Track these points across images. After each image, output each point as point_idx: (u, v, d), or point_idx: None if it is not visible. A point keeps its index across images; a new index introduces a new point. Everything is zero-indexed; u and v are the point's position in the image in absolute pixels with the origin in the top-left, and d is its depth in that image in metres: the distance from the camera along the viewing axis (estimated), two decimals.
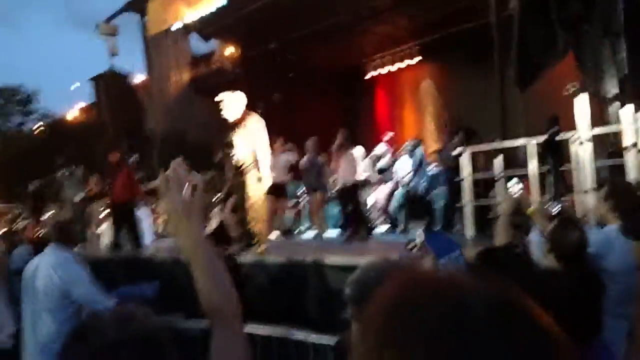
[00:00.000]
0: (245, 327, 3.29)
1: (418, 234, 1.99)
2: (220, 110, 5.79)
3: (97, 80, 11.50)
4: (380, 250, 5.45)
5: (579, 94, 4.03)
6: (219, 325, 1.09)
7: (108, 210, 8.87)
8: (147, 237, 8.85)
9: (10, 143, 25.68)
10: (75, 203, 8.99)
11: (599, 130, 4.49)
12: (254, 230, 5.64)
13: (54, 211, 10.58)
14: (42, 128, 26.78)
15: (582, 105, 4.00)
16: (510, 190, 3.09)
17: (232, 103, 5.77)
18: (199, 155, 9.99)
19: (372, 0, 10.83)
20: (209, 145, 10.96)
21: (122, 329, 0.99)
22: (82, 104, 24.43)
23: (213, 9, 10.07)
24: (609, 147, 5.32)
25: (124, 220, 7.95)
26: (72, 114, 25.86)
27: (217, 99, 5.84)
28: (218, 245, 4.75)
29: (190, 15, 10.31)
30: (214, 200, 8.13)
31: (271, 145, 7.93)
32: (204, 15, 10.30)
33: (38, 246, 3.61)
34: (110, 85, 11.31)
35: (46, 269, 2.99)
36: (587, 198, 3.93)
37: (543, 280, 1.60)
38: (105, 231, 9.04)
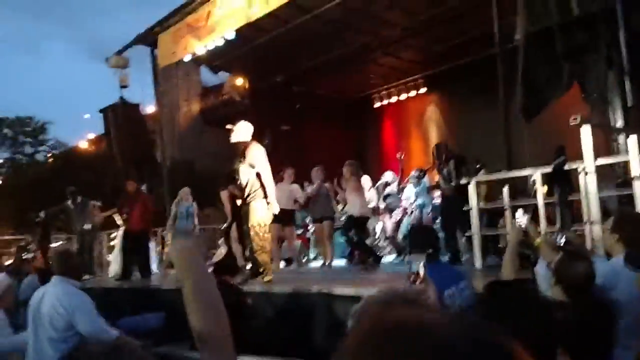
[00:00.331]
0: (249, 358, 3.26)
1: (419, 265, 1.98)
2: (229, 137, 5.85)
3: (107, 111, 11.68)
4: (387, 280, 5.41)
5: (583, 124, 4.04)
6: (208, 353, 1.11)
7: (118, 239, 8.91)
8: (153, 266, 8.86)
9: (21, 173, 25.97)
10: (84, 232, 9.02)
11: (604, 161, 4.48)
12: (260, 259, 5.61)
13: (61, 242, 10.63)
14: (53, 158, 27.12)
15: (586, 135, 4.01)
16: (517, 221, 3.08)
17: (240, 131, 5.84)
18: (207, 185, 10.05)
19: (379, 32, 11.01)
20: (218, 175, 11.05)
21: (114, 358, 1.05)
22: (93, 135, 24.72)
23: (222, 42, 10.25)
24: (616, 177, 5.30)
25: (138, 249, 7.98)
26: (83, 144, 26.21)
27: (227, 127, 5.90)
28: (223, 275, 4.74)
29: (200, 47, 10.51)
30: (221, 229, 8.16)
31: (280, 174, 8.06)
32: (213, 48, 10.49)
33: (45, 276, 3.62)
34: (120, 115, 11.47)
35: (52, 300, 3.00)
36: (594, 229, 3.90)
37: (550, 312, 1.58)
38: (113, 259, 9.06)
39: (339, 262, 7.99)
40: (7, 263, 9.87)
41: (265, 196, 5.61)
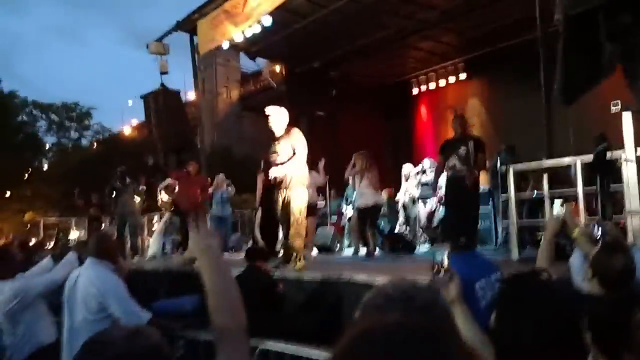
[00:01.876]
0: (277, 344, 3.28)
1: (443, 255, 1.92)
2: (268, 124, 5.86)
3: (148, 97, 11.89)
4: (418, 269, 5.35)
5: (624, 110, 3.86)
6: (224, 343, 1.18)
7: (164, 220, 9.09)
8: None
9: (67, 158, 26.87)
10: (127, 214, 9.09)
11: None
12: (295, 245, 5.64)
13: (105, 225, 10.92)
14: (97, 143, 27.94)
15: (627, 122, 3.84)
16: (555, 211, 2.98)
17: (279, 116, 5.85)
18: (245, 170, 10.15)
19: (417, 16, 10.80)
20: (255, 161, 11.15)
21: (130, 343, 1.09)
22: (136, 121, 25.32)
23: (259, 29, 10.27)
24: None
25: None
26: (127, 129, 26.90)
27: (266, 112, 5.92)
28: (256, 260, 4.79)
29: (238, 34, 10.55)
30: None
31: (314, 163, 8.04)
32: (250, 34, 10.52)
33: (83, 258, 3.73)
34: (160, 102, 11.65)
35: (85, 282, 3.10)
36: (634, 220, 3.75)
37: (582, 305, 1.53)
38: (153, 242, 9.24)
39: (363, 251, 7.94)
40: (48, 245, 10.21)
41: (304, 182, 5.63)
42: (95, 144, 28.21)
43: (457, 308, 1.87)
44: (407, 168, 8.64)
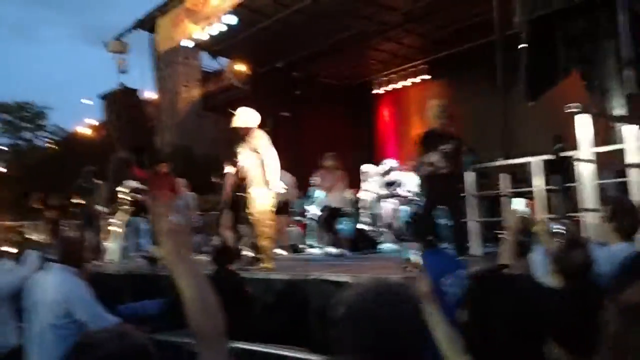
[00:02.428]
0: (248, 345, 3.27)
1: (414, 253, 1.98)
2: (231, 124, 5.86)
3: (107, 97, 11.65)
4: (383, 267, 5.43)
5: (580, 112, 4.04)
6: (204, 345, 1.18)
7: (120, 224, 8.86)
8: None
9: (20, 159, 25.96)
10: (94, 215, 8.80)
11: (601, 149, 4.49)
12: (260, 245, 5.66)
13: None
14: (52, 144, 27.10)
15: (583, 124, 4.01)
16: (516, 208, 3.07)
17: (242, 115, 5.83)
18: (207, 172, 10.04)
19: (379, 17, 10.94)
20: (217, 161, 11.04)
21: (120, 344, 1.12)
22: (93, 120, 24.68)
23: (223, 28, 10.20)
24: (615, 166, 5.30)
25: None
26: (83, 130, 26.18)
27: (230, 111, 5.91)
28: (223, 262, 4.76)
29: (199, 32, 10.46)
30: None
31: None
32: (215, 33, 10.44)
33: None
34: (119, 101, 11.44)
35: (50, 288, 3.03)
36: (589, 217, 3.92)
37: (545, 299, 1.60)
38: (114, 244, 9.02)
39: (333, 250, 8.00)
40: (5, 249, 9.80)
41: (267, 183, 5.61)
42: (50, 145, 27.38)
43: (428, 304, 1.93)
44: (366, 167, 8.73)
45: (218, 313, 1.21)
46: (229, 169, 7.44)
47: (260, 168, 5.61)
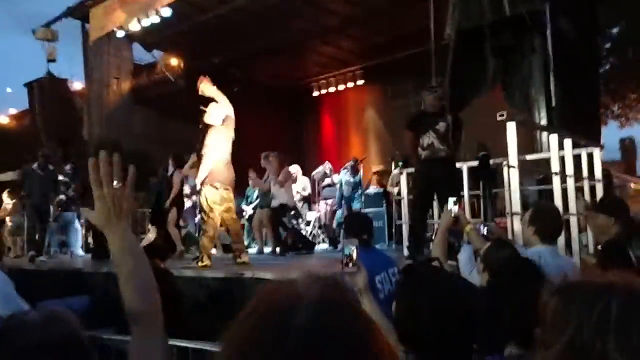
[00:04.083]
0: (179, 342, 3.21)
1: (352, 249, 2.03)
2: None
3: (33, 85, 11.05)
4: (318, 266, 5.49)
5: (509, 120, 4.27)
6: (139, 328, 1.07)
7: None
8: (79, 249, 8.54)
9: None
10: (42, 206, 8.23)
11: (526, 157, 4.75)
12: (200, 243, 5.67)
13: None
14: None
15: (511, 131, 4.24)
16: (448, 208, 3.18)
17: (212, 111, 5.90)
18: (137, 167, 9.74)
19: (319, 20, 11.03)
20: (146, 156, 10.72)
21: (45, 332, 1.00)
22: (15, 110, 23.31)
23: (157, 20, 9.93)
24: (538, 173, 5.63)
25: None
26: (4, 119, 24.65)
27: (201, 107, 5.97)
28: (153, 258, 4.64)
29: (134, 24, 10.13)
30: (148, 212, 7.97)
31: None
32: (148, 24, 10.14)
33: None
34: (46, 91, 10.88)
35: None
36: (514, 221, 4.15)
37: (468, 291, 1.67)
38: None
39: (268, 250, 8.00)
40: None
41: (214, 181, 5.62)
42: None
43: (365, 297, 1.99)
44: (294, 168, 8.77)
45: (154, 290, 1.09)
46: (172, 166, 7.35)
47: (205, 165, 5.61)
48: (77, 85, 14.38)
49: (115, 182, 1.09)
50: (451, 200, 3.09)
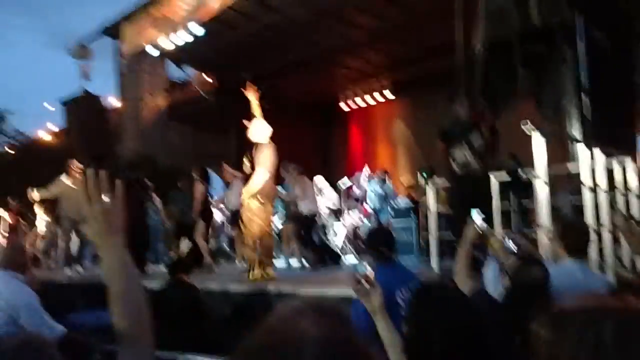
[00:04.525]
0: (204, 358, 3.21)
1: (366, 267, 1.98)
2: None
3: (69, 102, 11.40)
4: (347, 280, 5.44)
5: (533, 131, 4.16)
6: (125, 348, 1.06)
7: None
8: None
9: None
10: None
11: (555, 169, 4.62)
12: (246, 255, 5.75)
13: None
14: (12, 149, 26.30)
15: (539, 144, 4.14)
16: (473, 221, 3.10)
17: (256, 128, 6.23)
18: (169, 182, 9.91)
19: (347, 35, 11.07)
20: (181, 172, 10.89)
21: (19, 355, 1.03)
22: (55, 126, 24.07)
23: (189, 37, 10.16)
24: (572, 186, 5.47)
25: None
26: (44, 135, 25.47)
27: (245, 122, 6.31)
28: (179, 273, 4.68)
29: (166, 42, 10.39)
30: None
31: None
32: (180, 42, 10.38)
33: None
34: (81, 107, 11.21)
35: None
36: (543, 235, 4.03)
37: (476, 312, 1.61)
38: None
39: (296, 263, 7.98)
40: None
41: (259, 195, 5.80)
42: (10, 150, 26.56)
43: (379, 317, 1.92)
44: (320, 181, 8.78)
45: (143, 313, 1.08)
46: (197, 179, 7.47)
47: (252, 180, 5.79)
48: (111, 101, 14.77)
49: (104, 198, 1.08)
50: (475, 212, 3.00)
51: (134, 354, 1.06)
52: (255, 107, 6.04)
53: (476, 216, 3.07)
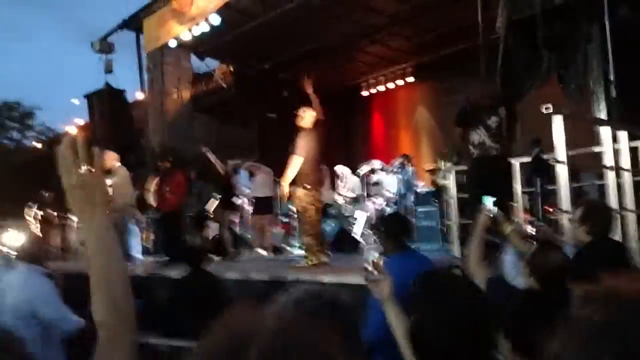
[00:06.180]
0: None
1: (375, 256, 1.95)
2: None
3: (92, 96, 11.58)
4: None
5: (555, 114, 4.05)
6: (104, 337, 1.01)
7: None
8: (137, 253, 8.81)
9: (8, 159, 25.73)
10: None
11: (577, 152, 4.51)
12: (304, 242, 5.87)
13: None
14: (41, 144, 26.90)
15: (558, 125, 4.03)
16: (485, 208, 3.03)
17: (306, 115, 6.21)
18: (195, 172, 10.00)
19: (366, 20, 10.95)
20: (206, 161, 10.98)
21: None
22: (81, 120, 24.53)
23: (207, 28, 10.17)
24: (597, 168, 5.33)
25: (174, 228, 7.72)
26: (71, 129, 25.97)
27: (296, 112, 6.30)
28: (199, 261, 4.72)
29: (185, 33, 10.43)
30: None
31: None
32: (199, 34, 10.41)
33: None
34: (105, 101, 11.38)
35: (15, 286, 2.99)
36: (564, 219, 3.93)
37: (483, 302, 1.56)
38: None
39: None
40: None
41: (305, 182, 5.74)
42: (38, 144, 27.18)
43: (388, 306, 1.90)
44: (342, 169, 8.72)
45: (125, 300, 1.01)
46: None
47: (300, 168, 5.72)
48: (136, 95, 14.95)
49: (83, 168, 1.02)
50: (488, 199, 2.94)
51: (111, 342, 1.01)
52: (313, 98, 6.01)
53: (487, 201, 3.01)
